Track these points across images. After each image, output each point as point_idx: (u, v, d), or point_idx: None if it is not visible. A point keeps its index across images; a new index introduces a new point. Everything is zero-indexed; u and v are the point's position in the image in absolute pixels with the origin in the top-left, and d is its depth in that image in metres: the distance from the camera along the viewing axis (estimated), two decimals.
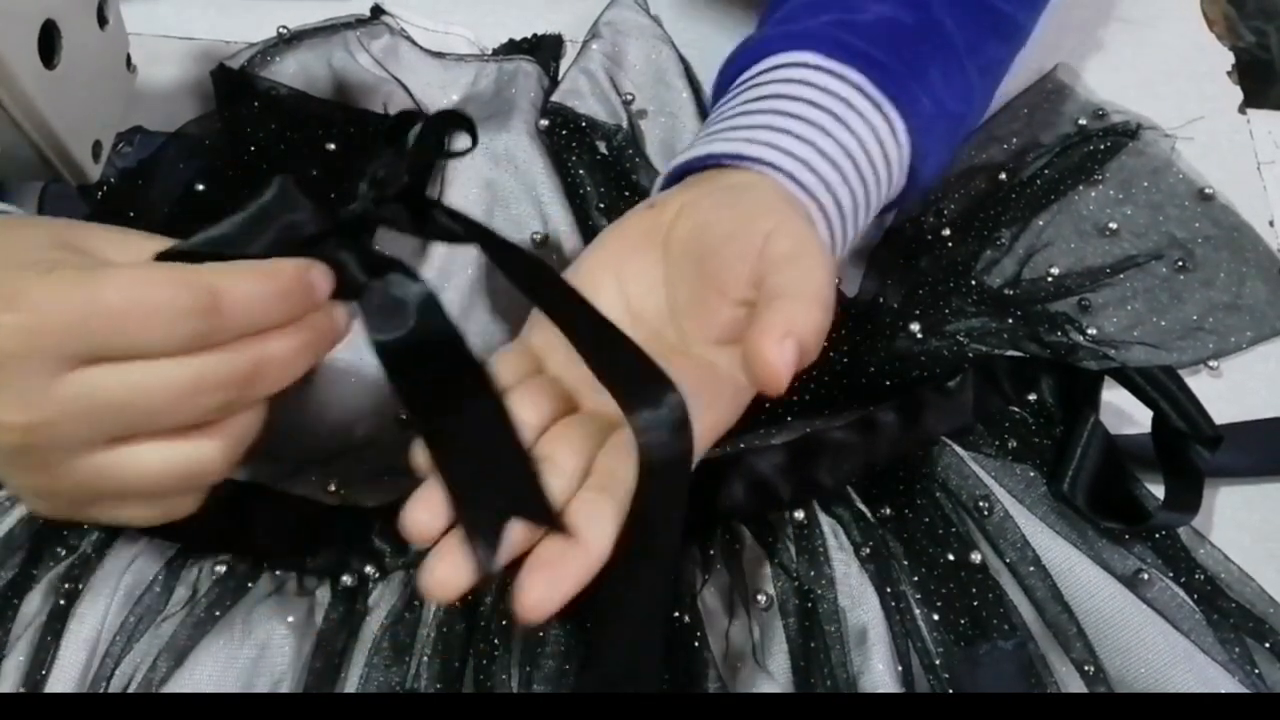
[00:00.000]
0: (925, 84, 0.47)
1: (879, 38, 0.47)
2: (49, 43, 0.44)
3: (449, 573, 0.34)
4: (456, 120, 0.43)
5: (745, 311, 0.39)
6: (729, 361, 0.39)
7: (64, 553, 0.45)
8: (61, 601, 0.43)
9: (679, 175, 0.45)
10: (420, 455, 0.37)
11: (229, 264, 0.35)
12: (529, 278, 0.40)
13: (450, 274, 0.51)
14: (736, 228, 0.40)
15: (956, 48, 0.49)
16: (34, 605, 0.44)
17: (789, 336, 0.36)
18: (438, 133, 0.43)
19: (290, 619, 0.43)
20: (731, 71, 0.50)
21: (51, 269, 0.33)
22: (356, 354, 0.50)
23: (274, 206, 0.37)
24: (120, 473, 0.35)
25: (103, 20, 0.49)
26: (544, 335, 0.42)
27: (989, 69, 0.52)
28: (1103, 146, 0.60)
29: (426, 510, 0.35)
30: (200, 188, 0.53)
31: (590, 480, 0.37)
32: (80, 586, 0.44)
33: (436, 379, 0.37)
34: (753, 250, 0.39)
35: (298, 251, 0.37)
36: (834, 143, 0.44)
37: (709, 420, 0.40)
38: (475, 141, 0.44)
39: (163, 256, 0.36)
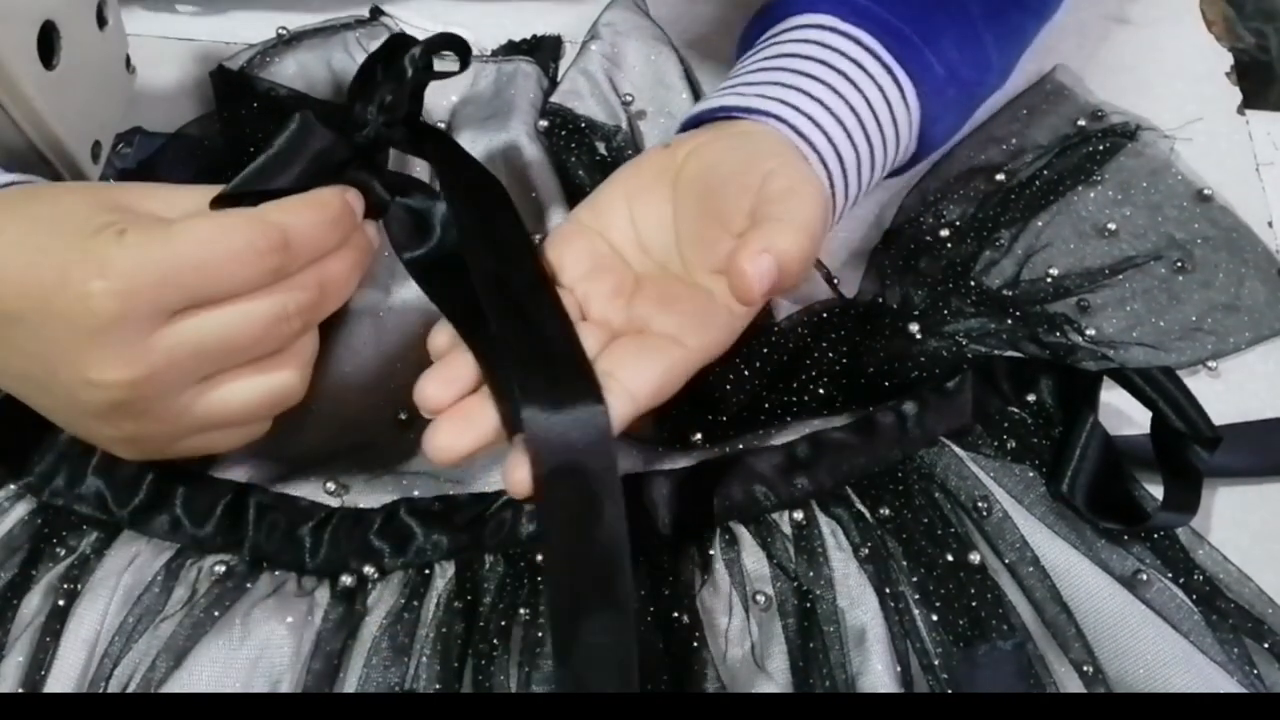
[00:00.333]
0: (938, 50, 0.49)
1: (896, 3, 0.49)
2: (48, 43, 0.44)
3: (452, 437, 0.38)
4: (448, 43, 0.46)
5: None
6: (725, 290, 0.42)
7: (63, 553, 0.45)
8: (60, 602, 0.43)
9: (696, 123, 0.48)
10: (441, 335, 0.41)
11: (282, 201, 0.39)
12: (499, 236, 0.43)
13: None
14: (740, 167, 0.43)
15: (972, 16, 0.50)
16: (33, 606, 0.43)
17: (766, 252, 0.40)
18: (429, 56, 0.45)
19: (289, 619, 0.43)
20: (755, 30, 0.52)
21: (123, 231, 0.36)
22: (356, 356, 0.50)
23: (298, 139, 0.40)
24: (215, 408, 0.39)
25: (102, 21, 0.49)
26: (593, 214, 0.47)
27: (1009, 37, 0.53)
28: (1101, 147, 0.60)
29: (438, 383, 0.39)
30: None
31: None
32: (79, 587, 0.44)
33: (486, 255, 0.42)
34: (753, 186, 0.42)
35: (326, 179, 0.41)
36: (842, 102, 0.46)
37: (700, 343, 0.42)
38: (466, 65, 0.48)
39: (216, 203, 0.39)
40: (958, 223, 0.57)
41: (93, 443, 0.43)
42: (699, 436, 0.49)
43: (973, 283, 0.55)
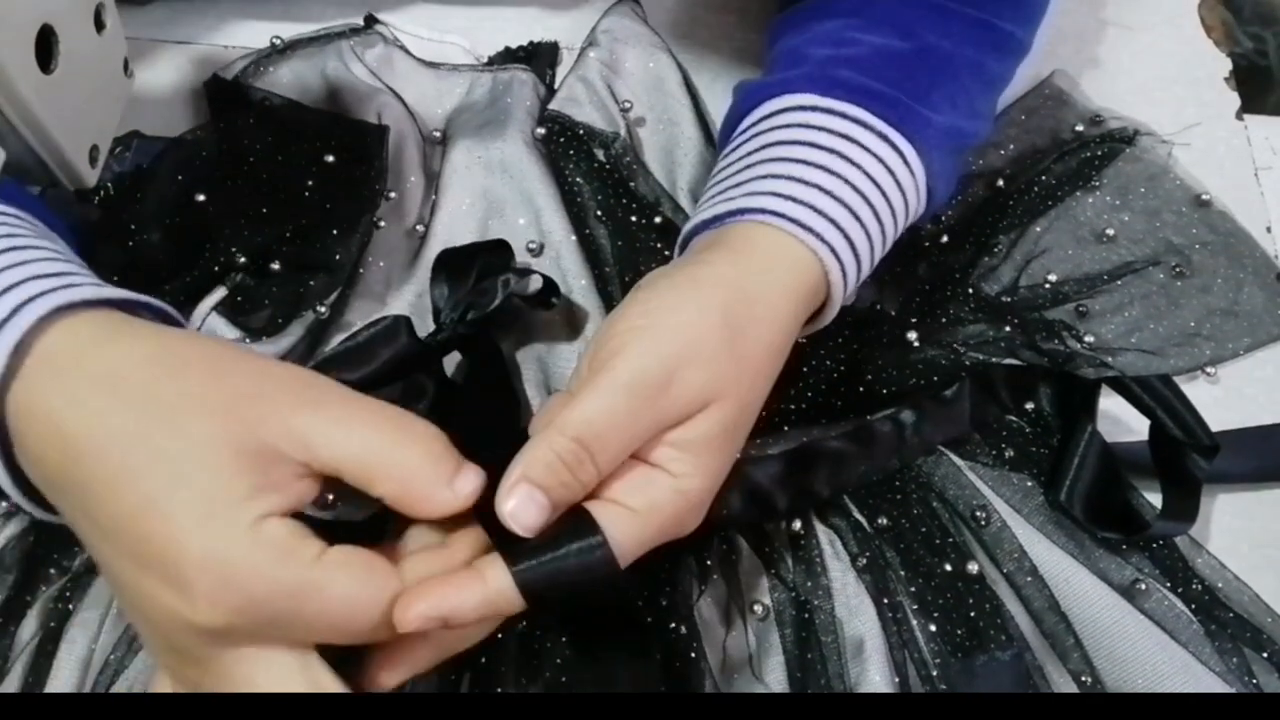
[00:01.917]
0: (930, 105, 0.46)
1: (875, 68, 0.46)
2: (46, 47, 0.44)
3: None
4: (547, 286, 0.50)
5: None
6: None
7: (55, 573, 0.44)
8: (53, 623, 0.43)
9: (695, 231, 0.45)
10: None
11: (443, 590, 0.35)
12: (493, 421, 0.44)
13: None
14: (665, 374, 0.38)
15: (956, 67, 0.49)
16: (30, 629, 0.43)
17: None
18: (498, 263, 0.49)
19: None
20: (731, 121, 0.50)
21: (256, 538, 0.32)
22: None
23: (383, 339, 0.42)
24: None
25: (100, 25, 0.49)
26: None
27: (991, 85, 0.52)
28: (1100, 153, 0.60)
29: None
30: (200, 198, 0.53)
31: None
32: (72, 607, 0.44)
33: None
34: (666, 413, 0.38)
35: (389, 375, 0.41)
36: (840, 181, 0.43)
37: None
38: (553, 297, 0.50)
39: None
40: (956, 228, 0.57)
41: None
42: None
43: (971, 289, 0.55)
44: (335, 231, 0.53)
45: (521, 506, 0.35)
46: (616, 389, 0.37)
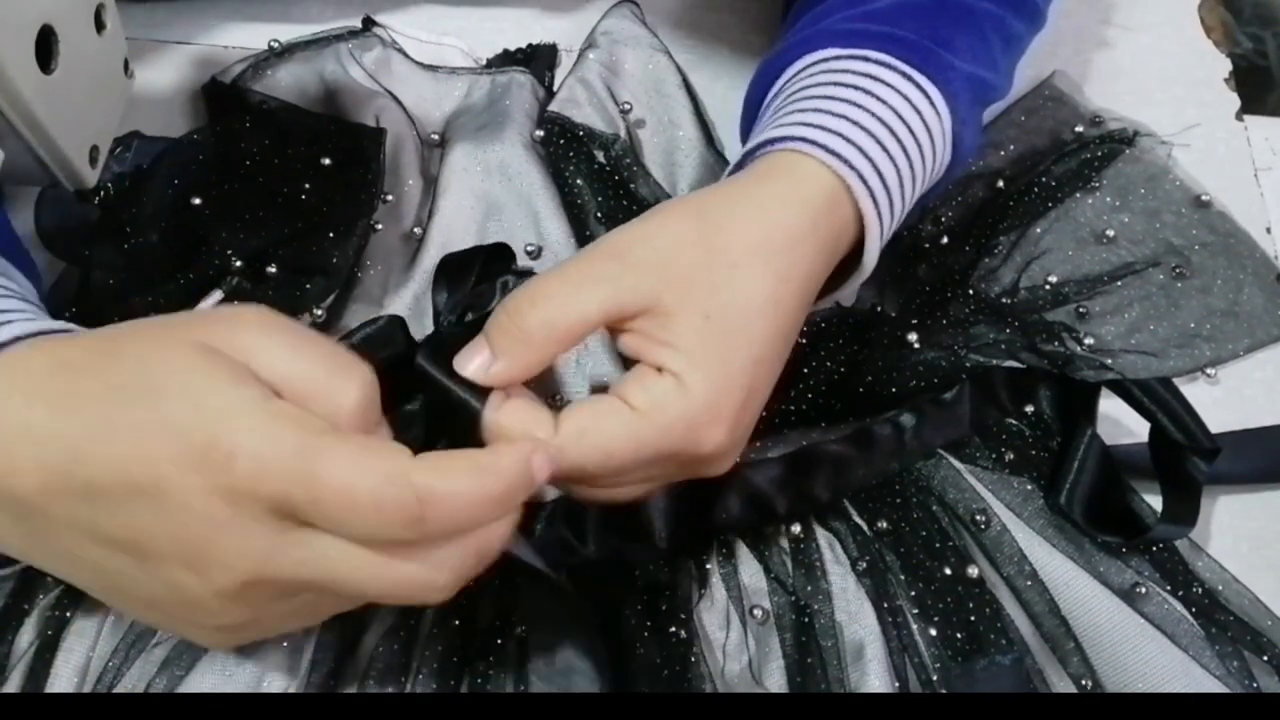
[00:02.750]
0: (954, 50, 0.46)
1: (898, 18, 0.47)
2: (46, 48, 0.44)
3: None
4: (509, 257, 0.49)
5: None
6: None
7: (53, 580, 0.44)
8: (50, 631, 0.43)
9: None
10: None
11: (452, 459, 0.33)
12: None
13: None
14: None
15: (978, 18, 0.49)
16: (27, 638, 0.43)
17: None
18: (499, 267, 0.48)
19: (284, 641, 0.43)
20: (754, 96, 0.50)
21: (254, 409, 0.31)
22: None
23: (378, 338, 0.40)
24: (322, 608, 0.37)
25: (100, 25, 0.49)
26: None
27: (1010, 42, 0.52)
28: (1100, 154, 0.60)
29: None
30: (196, 201, 0.53)
31: None
32: (70, 615, 0.44)
33: None
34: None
35: (387, 378, 0.39)
36: (867, 114, 0.43)
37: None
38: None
39: None
40: (956, 229, 0.57)
41: (179, 634, 0.40)
42: None
43: (971, 290, 0.55)
44: (332, 235, 0.53)
45: (469, 349, 0.38)
46: (572, 259, 0.39)
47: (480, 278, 0.48)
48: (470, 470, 0.32)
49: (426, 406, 0.46)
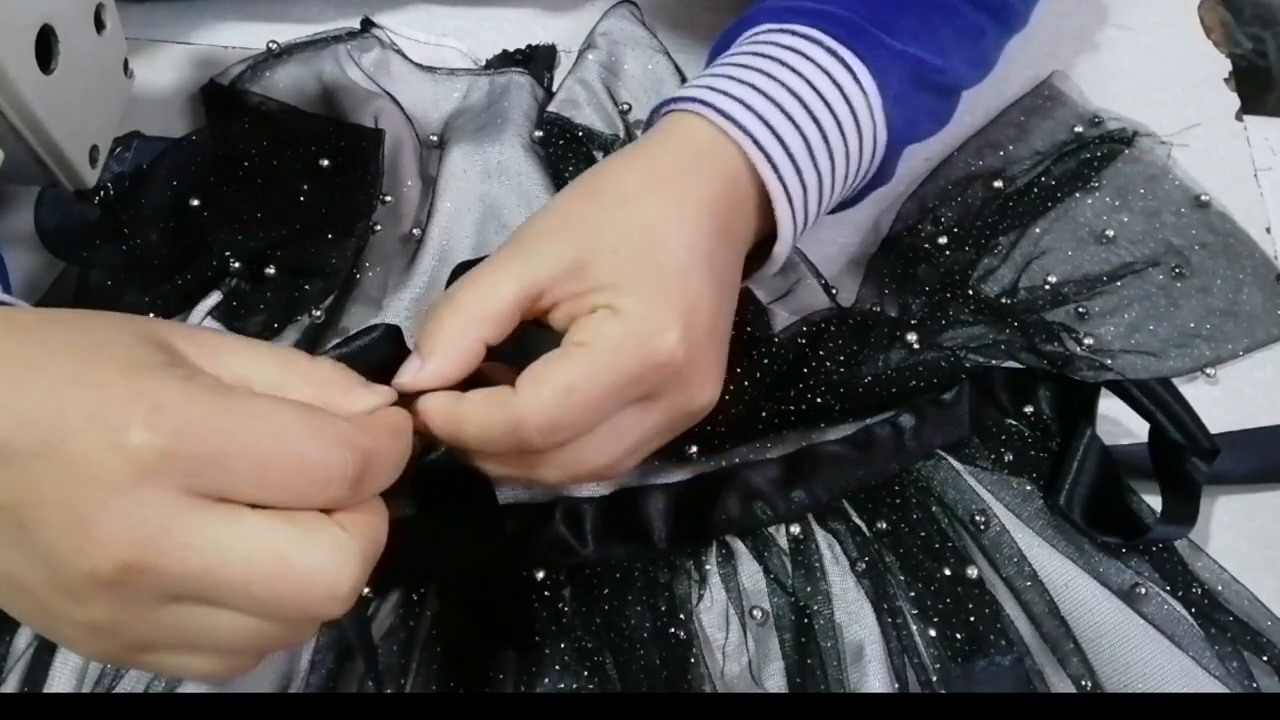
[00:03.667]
0: (891, 30, 0.47)
1: (839, 1, 0.47)
2: (46, 48, 0.44)
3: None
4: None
5: None
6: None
7: None
8: None
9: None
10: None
11: (371, 423, 0.34)
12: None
13: (437, 284, 0.52)
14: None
15: (925, 5, 0.49)
16: (26, 638, 0.43)
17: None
18: None
19: None
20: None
21: (189, 379, 0.31)
22: None
23: (374, 348, 0.39)
24: (199, 630, 0.32)
25: (100, 25, 0.49)
26: None
27: (965, 31, 0.51)
28: (1099, 153, 0.60)
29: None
30: (195, 202, 0.53)
31: None
32: None
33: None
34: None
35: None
36: (774, 82, 0.44)
37: None
38: None
39: None
40: (956, 229, 0.57)
41: (45, 630, 0.35)
42: (695, 449, 0.48)
43: (971, 291, 0.55)
44: (331, 236, 0.53)
45: (403, 365, 0.38)
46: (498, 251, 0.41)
47: None
48: (393, 432, 0.34)
49: None
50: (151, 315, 0.50)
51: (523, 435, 0.36)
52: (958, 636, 0.45)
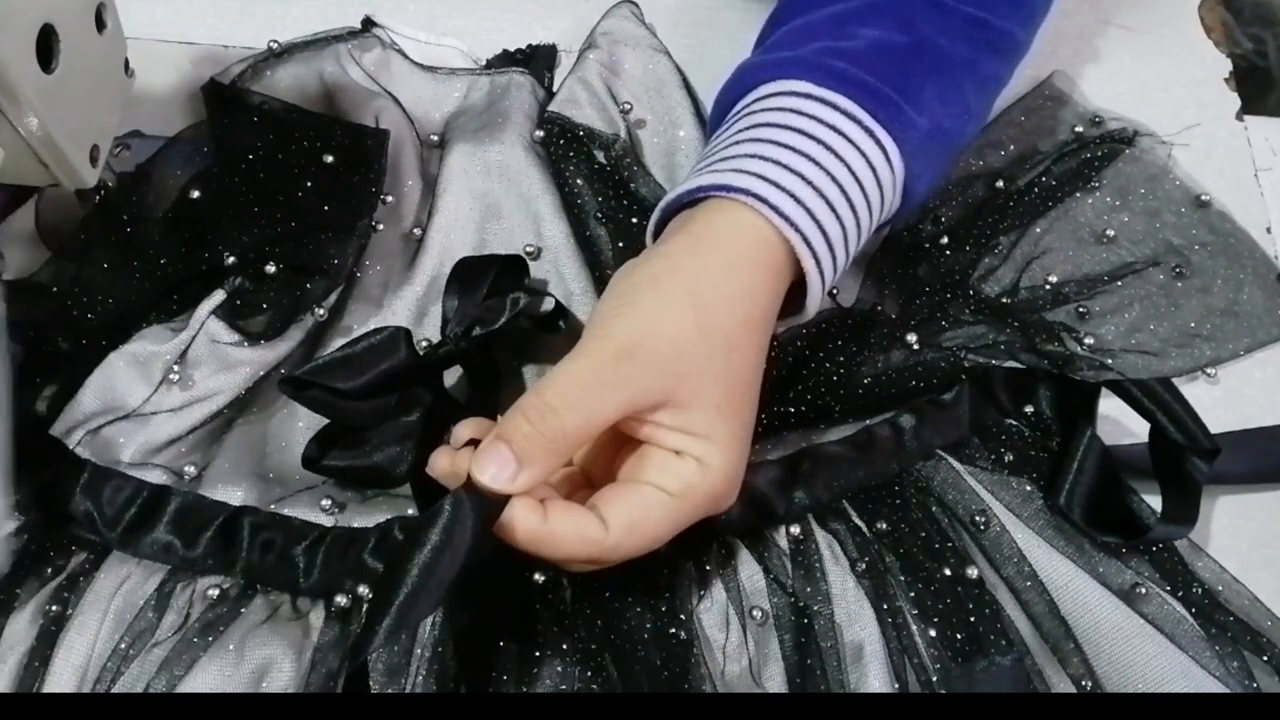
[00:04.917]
0: (920, 105, 0.47)
1: (872, 62, 0.47)
2: (47, 47, 0.44)
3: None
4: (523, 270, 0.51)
5: None
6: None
7: (51, 572, 0.44)
8: (52, 627, 0.43)
9: (675, 208, 0.46)
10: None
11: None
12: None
13: (438, 283, 0.52)
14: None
15: (953, 65, 0.49)
16: (20, 627, 0.43)
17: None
18: (511, 280, 0.49)
19: (284, 642, 0.43)
20: (725, 101, 0.50)
21: None
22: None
23: (378, 351, 0.41)
24: None
25: (101, 24, 0.49)
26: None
27: (986, 83, 0.52)
28: (1099, 153, 0.60)
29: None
30: (196, 197, 0.53)
31: None
32: (68, 610, 0.44)
33: None
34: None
35: (385, 388, 0.41)
36: (823, 173, 0.44)
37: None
38: (560, 321, 0.50)
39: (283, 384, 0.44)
40: (956, 229, 0.57)
41: None
42: None
43: (971, 291, 0.55)
44: (332, 234, 0.53)
45: (486, 454, 0.39)
46: (581, 355, 0.40)
47: (491, 290, 0.48)
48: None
49: (424, 419, 0.46)
50: (152, 315, 0.51)
51: (602, 563, 0.41)
52: (958, 636, 0.45)
